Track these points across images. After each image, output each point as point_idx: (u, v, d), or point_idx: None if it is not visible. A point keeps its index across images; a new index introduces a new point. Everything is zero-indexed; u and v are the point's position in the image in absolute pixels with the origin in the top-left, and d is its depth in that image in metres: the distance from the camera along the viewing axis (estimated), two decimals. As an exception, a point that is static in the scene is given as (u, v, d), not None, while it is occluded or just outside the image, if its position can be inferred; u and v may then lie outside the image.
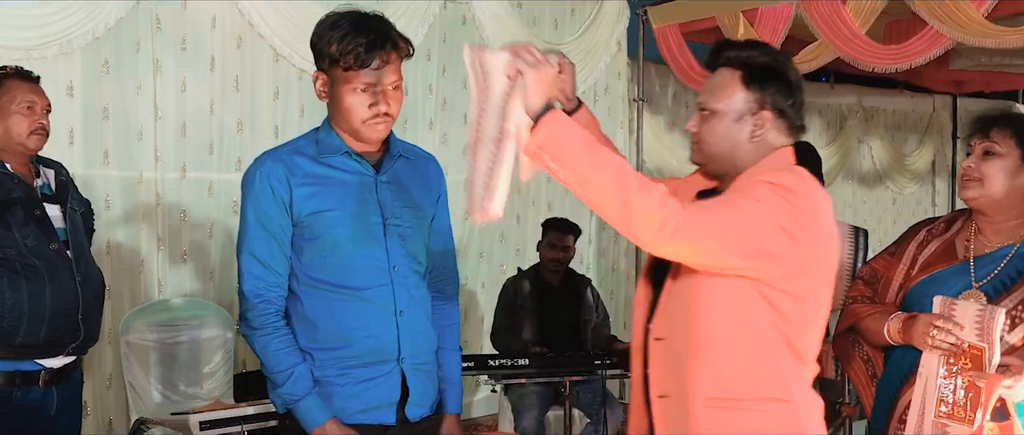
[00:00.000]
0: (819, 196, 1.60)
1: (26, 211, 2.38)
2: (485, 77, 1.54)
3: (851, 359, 2.19)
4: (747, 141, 1.62)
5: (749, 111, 1.61)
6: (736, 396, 1.60)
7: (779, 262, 1.54)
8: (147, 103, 3.67)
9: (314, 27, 1.81)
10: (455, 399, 2.03)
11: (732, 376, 1.61)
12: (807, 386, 1.67)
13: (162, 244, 3.75)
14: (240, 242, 1.85)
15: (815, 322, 1.65)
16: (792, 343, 1.61)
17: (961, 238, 1.98)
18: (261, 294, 1.82)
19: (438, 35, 4.55)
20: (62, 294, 2.39)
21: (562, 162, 1.46)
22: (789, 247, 1.53)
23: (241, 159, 3.94)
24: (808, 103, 1.74)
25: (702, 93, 1.67)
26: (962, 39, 3.79)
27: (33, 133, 2.42)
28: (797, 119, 1.65)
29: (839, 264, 2.90)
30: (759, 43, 1.68)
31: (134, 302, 3.66)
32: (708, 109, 1.64)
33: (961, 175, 1.93)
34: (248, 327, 1.84)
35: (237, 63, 3.91)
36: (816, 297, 1.63)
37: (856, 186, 7.08)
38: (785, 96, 1.62)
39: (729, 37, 4.57)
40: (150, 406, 3.42)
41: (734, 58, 1.63)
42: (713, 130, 1.64)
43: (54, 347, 2.41)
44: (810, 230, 1.55)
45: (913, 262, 2.01)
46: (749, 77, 1.61)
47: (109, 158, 3.60)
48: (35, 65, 3.07)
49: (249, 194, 1.83)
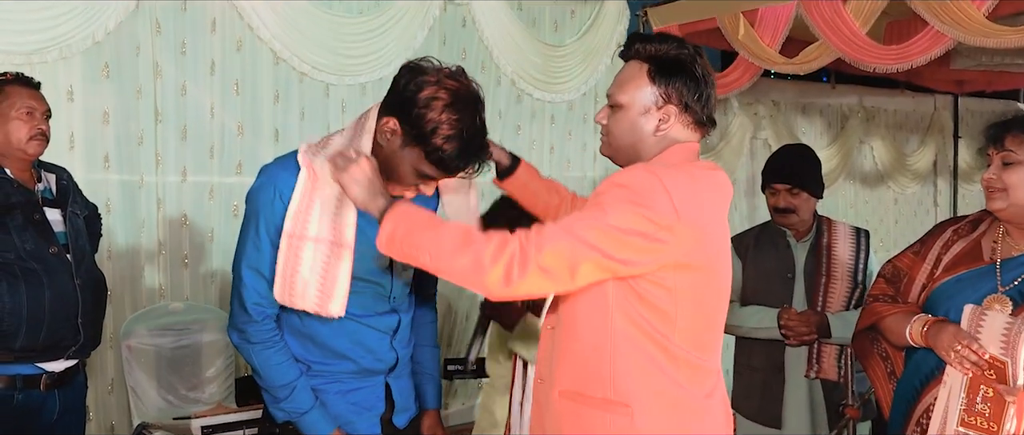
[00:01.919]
0: (684, 181, 1.54)
1: (25, 215, 2.39)
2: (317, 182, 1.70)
3: (870, 356, 2.19)
4: (651, 134, 1.62)
5: (655, 104, 1.61)
6: (582, 392, 1.59)
7: (637, 265, 1.51)
8: (147, 107, 3.67)
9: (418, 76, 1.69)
10: (434, 395, 2.09)
11: (582, 372, 1.59)
12: (673, 389, 1.57)
13: (163, 248, 3.75)
14: (242, 253, 1.82)
15: (695, 317, 1.58)
16: (660, 340, 1.55)
17: (987, 239, 1.95)
18: (263, 309, 1.81)
19: (438, 38, 4.55)
20: (61, 297, 2.39)
21: (411, 252, 1.52)
22: (644, 247, 1.49)
23: (242, 162, 3.94)
24: (810, 104, 1.75)
25: (611, 86, 1.67)
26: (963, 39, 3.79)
27: (33, 138, 2.44)
28: (704, 114, 1.63)
29: (840, 265, 2.93)
30: (670, 36, 1.67)
31: (135, 306, 3.65)
32: (615, 102, 1.65)
33: (985, 187, 1.92)
34: (247, 341, 1.82)
35: (237, 66, 3.91)
36: (695, 290, 1.57)
37: (858, 186, 7.07)
38: (692, 90, 1.61)
39: (730, 38, 4.57)
40: (152, 411, 3.42)
41: (643, 51, 1.63)
42: (619, 123, 1.64)
43: (54, 350, 2.41)
44: (668, 224, 1.49)
45: (937, 262, 1.99)
46: (656, 70, 1.61)
47: (110, 162, 3.60)
48: (35, 70, 3.09)
49: (256, 205, 1.80)
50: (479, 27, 4.65)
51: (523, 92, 4.89)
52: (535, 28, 4.93)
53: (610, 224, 1.48)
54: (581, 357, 1.60)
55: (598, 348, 1.57)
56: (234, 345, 1.86)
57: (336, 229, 1.75)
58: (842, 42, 4.05)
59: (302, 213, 1.74)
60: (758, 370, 2.97)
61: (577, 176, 5.04)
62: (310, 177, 1.74)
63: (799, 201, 2.93)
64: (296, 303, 1.77)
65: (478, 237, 1.49)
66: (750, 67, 4.64)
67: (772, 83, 6.22)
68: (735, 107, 6.07)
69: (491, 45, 4.70)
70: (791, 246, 3.00)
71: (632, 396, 1.55)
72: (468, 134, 1.68)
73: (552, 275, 1.47)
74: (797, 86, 6.39)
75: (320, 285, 1.75)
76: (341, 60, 4.14)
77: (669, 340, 1.56)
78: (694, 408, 1.60)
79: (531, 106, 4.96)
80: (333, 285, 1.75)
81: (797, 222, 2.97)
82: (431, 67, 1.71)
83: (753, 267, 2.98)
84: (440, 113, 1.66)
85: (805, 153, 3.07)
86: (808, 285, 2.94)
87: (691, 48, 1.64)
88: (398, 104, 1.70)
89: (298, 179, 1.75)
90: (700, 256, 1.57)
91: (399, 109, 1.70)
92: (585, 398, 1.59)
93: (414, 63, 1.73)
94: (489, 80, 4.77)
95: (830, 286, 2.91)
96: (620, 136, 1.65)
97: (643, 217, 1.48)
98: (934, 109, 7.60)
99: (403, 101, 1.69)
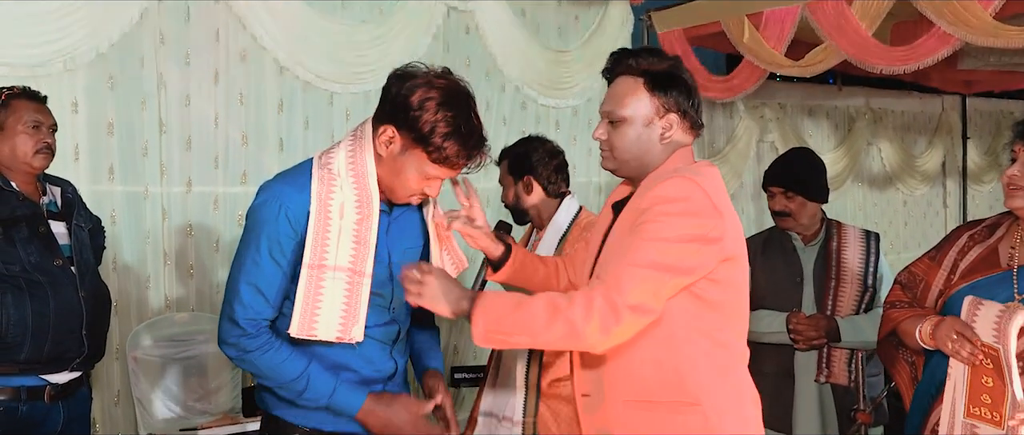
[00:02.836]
0: (709, 181, 1.66)
1: (31, 228, 2.40)
2: (331, 203, 1.76)
3: (896, 361, 2.19)
4: (657, 143, 1.71)
5: (657, 114, 1.71)
6: (650, 399, 1.66)
7: (703, 268, 1.62)
8: (152, 118, 3.69)
9: (408, 82, 1.73)
10: (436, 359, 2.08)
11: (647, 380, 1.66)
12: (735, 381, 1.71)
13: (168, 259, 3.76)
14: (240, 269, 1.80)
15: (739, 305, 1.72)
16: (716, 336, 1.66)
17: (1005, 245, 1.93)
18: (257, 323, 1.80)
19: (442, 45, 4.56)
20: (66, 310, 2.41)
21: (508, 339, 1.62)
22: (704, 251, 1.60)
23: (246, 172, 3.95)
24: (817, 106, 1.79)
25: (606, 103, 1.75)
26: (970, 39, 3.78)
27: (38, 152, 2.45)
28: (698, 118, 1.75)
29: (849, 269, 2.92)
30: (653, 49, 1.76)
31: (141, 317, 3.66)
32: (617, 117, 1.72)
33: (1006, 184, 1.88)
34: (244, 351, 1.81)
35: (241, 76, 3.92)
36: (738, 278, 1.70)
37: (866, 189, 7.05)
38: (686, 98, 1.72)
39: (735, 42, 4.57)
40: (158, 422, 3.42)
41: (635, 66, 1.72)
42: (624, 136, 1.72)
43: (59, 362, 2.42)
44: (717, 223, 1.61)
45: (954, 268, 1.98)
46: (652, 83, 1.70)
47: (114, 173, 3.61)
48: (40, 82, 3.10)
49: (258, 221, 1.79)
50: (483, 33, 4.66)
51: (528, 98, 4.89)
52: (539, 34, 4.94)
53: (668, 240, 1.57)
54: (643, 366, 1.67)
55: (660, 354, 1.66)
56: (232, 359, 1.85)
57: (357, 259, 1.77)
58: (848, 44, 4.04)
59: (319, 242, 1.75)
60: (768, 375, 2.95)
61: (582, 182, 5.04)
62: (325, 194, 1.75)
63: (795, 205, 2.92)
64: (317, 334, 1.77)
65: (562, 302, 1.57)
66: (755, 70, 4.63)
67: (778, 86, 6.21)
68: (741, 110, 6.07)
69: (495, 51, 4.70)
70: (798, 250, 2.99)
71: (700, 394, 1.65)
72: (466, 129, 1.72)
73: (643, 309, 1.56)
74: (803, 88, 6.38)
75: (343, 313, 1.77)
76: (345, 68, 4.15)
77: (723, 332, 1.67)
78: (749, 393, 1.74)
79: (536, 112, 4.96)
80: (356, 311, 1.78)
81: (796, 226, 2.96)
82: (418, 71, 1.75)
83: (762, 271, 2.97)
84: (435, 113, 1.69)
85: (804, 157, 3.07)
86: (817, 289, 2.93)
87: (675, 59, 1.75)
88: (392, 111, 1.73)
89: (311, 195, 1.75)
90: (738, 246, 1.69)
91: (394, 116, 1.73)
92: (655, 404, 1.66)
93: (401, 70, 1.77)
94: (493, 86, 4.78)
95: (839, 290, 2.90)
96: (626, 148, 1.72)
97: (695, 223, 1.59)
98: (942, 110, 7.58)
99: (397, 107, 1.72)
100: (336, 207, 1.75)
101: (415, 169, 1.74)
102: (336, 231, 1.75)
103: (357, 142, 1.80)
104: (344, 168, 1.78)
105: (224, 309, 1.83)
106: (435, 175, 1.76)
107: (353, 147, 1.79)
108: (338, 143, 1.85)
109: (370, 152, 1.77)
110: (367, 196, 1.78)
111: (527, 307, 1.58)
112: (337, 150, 1.81)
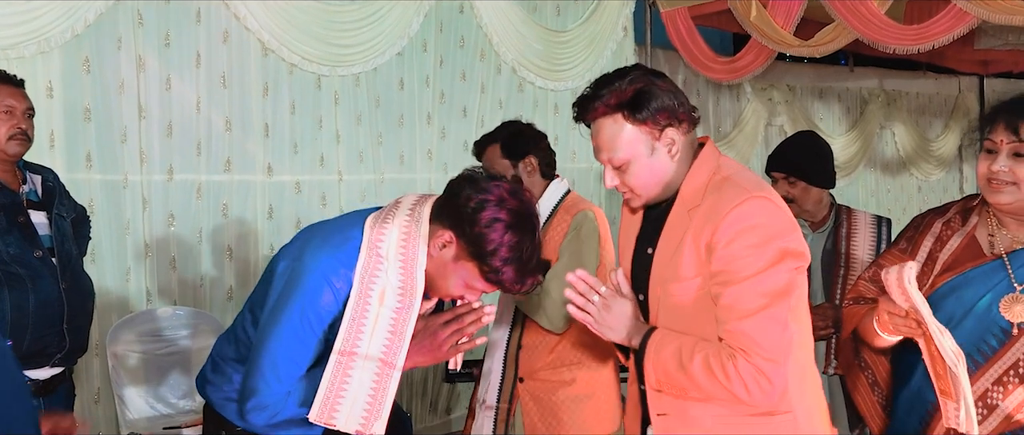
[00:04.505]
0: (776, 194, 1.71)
1: (9, 218, 2.41)
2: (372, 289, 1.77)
3: (851, 368, 2.11)
4: (671, 161, 1.73)
5: (653, 138, 1.71)
6: (743, 413, 1.69)
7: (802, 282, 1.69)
8: (130, 103, 3.69)
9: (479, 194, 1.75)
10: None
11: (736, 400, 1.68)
12: (813, 382, 1.77)
13: (149, 250, 3.78)
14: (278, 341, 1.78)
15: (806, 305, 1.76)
16: (797, 338, 1.68)
17: (982, 232, 1.87)
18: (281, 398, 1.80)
19: (434, 25, 4.57)
20: (46, 303, 2.42)
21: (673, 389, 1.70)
22: (798, 260, 1.66)
23: (230, 159, 3.97)
24: (827, 88, 1.78)
25: (600, 152, 1.76)
26: (987, 17, 3.80)
27: (12, 138, 2.45)
28: (691, 112, 1.75)
29: (858, 258, 2.94)
30: (607, 77, 1.74)
31: (121, 312, 3.68)
32: (619, 163, 1.73)
33: (988, 179, 1.80)
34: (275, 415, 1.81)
35: (224, 59, 3.93)
36: (806, 284, 1.74)
37: (879, 174, 7.08)
38: (669, 104, 1.70)
39: (741, 20, 4.58)
40: (141, 421, 3.45)
41: (609, 105, 1.71)
42: (637, 175, 1.73)
43: (39, 358, 2.44)
44: (797, 236, 1.67)
45: (932, 258, 1.90)
46: (631, 112, 1.69)
47: (92, 161, 3.62)
48: (12, 65, 3.10)
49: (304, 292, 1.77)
50: (477, 13, 4.67)
51: (524, 80, 4.91)
52: (536, 13, 4.94)
53: (764, 269, 1.61)
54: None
55: None
56: (255, 426, 1.84)
57: (390, 350, 1.78)
58: (860, 22, 4.06)
59: (355, 327, 1.76)
60: (775, 368, 2.99)
61: (583, 167, 5.06)
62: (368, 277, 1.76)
63: (797, 191, 2.95)
64: (336, 423, 1.78)
65: (716, 368, 1.62)
66: (763, 50, 4.65)
67: (787, 67, 6.23)
68: (748, 92, 6.08)
69: (490, 32, 4.71)
70: (806, 237, 3.02)
71: (792, 401, 1.69)
72: (526, 255, 1.75)
73: (780, 351, 1.62)
74: (813, 69, 6.40)
75: (367, 405, 1.78)
76: (333, 50, 4.16)
77: (800, 336, 1.70)
78: (823, 410, 1.79)
79: (533, 95, 4.97)
80: (381, 405, 1.79)
81: (801, 213, 2.99)
82: (489, 183, 1.76)
83: (768, 260, 2.99)
84: (502, 235, 1.72)
85: (806, 142, 3.08)
86: (825, 277, 2.95)
87: (633, 69, 1.74)
88: (456, 218, 1.75)
89: (355, 275, 1.76)
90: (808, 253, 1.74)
91: (457, 223, 1.75)
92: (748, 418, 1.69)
93: (470, 174, 1.79)
94: (489, 68, 4.79)
95: (849, 278, 2.93)
96: (645, 183, 1.74)
97: (780, 241, 1.63)
98: (959, 91, 7.60)
99: (462, 217, 1.74)
100: (376, 293, 1.76)
101: (463, 279, 1.78)
102: (373, 318, 1.77)
103: (412, 226, 1.79)
104: (394, 252, 1.77)
105: (255, 376, 1.80)
106: (482, 289, 1.80)
107: (407, 231, 1.79)
108: (392, 216, 1.82)
109: (424, 241, 1.78)
110: (412, 286, 1.78)
111: (690, 374, 1.65)
112: (390, 227, 1.80)
